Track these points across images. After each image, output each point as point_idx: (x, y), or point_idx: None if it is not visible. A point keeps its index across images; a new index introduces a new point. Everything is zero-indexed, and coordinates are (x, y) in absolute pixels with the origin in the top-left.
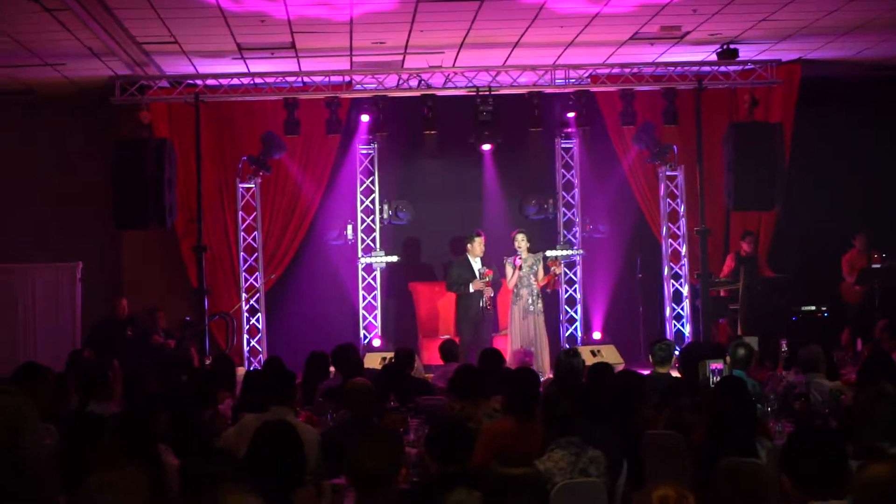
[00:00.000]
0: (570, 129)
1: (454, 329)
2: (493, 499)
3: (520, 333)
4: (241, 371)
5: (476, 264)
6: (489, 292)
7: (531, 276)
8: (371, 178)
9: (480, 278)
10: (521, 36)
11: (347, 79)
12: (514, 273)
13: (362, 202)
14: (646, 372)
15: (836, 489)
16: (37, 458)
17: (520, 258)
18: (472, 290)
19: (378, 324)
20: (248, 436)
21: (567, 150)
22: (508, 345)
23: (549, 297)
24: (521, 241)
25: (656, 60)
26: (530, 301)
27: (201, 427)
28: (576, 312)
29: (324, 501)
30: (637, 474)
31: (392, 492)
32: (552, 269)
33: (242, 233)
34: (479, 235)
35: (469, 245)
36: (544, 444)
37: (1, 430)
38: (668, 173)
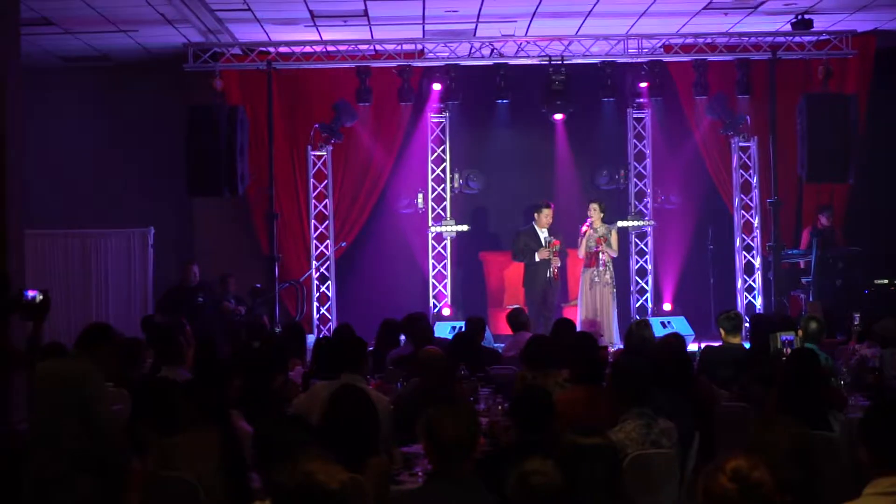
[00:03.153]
0: (642, 100)
1: (523, 299)
2: (567, 468)
3: (587, 303)
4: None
5: (543, 234)
6: (556, 262)
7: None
8: (442, 147)
9: (546, 248)
10: (594, 5)
11: (419, 47)
12: (582, 242)
13: (433, 171)
14: (717, 343)
15: None
16: (106, 420)
17: (585, 226)
18: (537, 259)
19: (448, 293)
20: (318, 403)
21: (639, 120)
22: (578, 314)
23: (621, 269)
24: (592, 211)
25: (730, 31)
26: (596, 272)
27: (272, 394)
28: (646, 283)
29: (395, 469)
30: (708, 446)
31: (470, 461)
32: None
33: (313, 200)
34: (547, 206)
35: (536, 215)
36: (616, 414)
37: (68, 395)
38: (740, 144)
